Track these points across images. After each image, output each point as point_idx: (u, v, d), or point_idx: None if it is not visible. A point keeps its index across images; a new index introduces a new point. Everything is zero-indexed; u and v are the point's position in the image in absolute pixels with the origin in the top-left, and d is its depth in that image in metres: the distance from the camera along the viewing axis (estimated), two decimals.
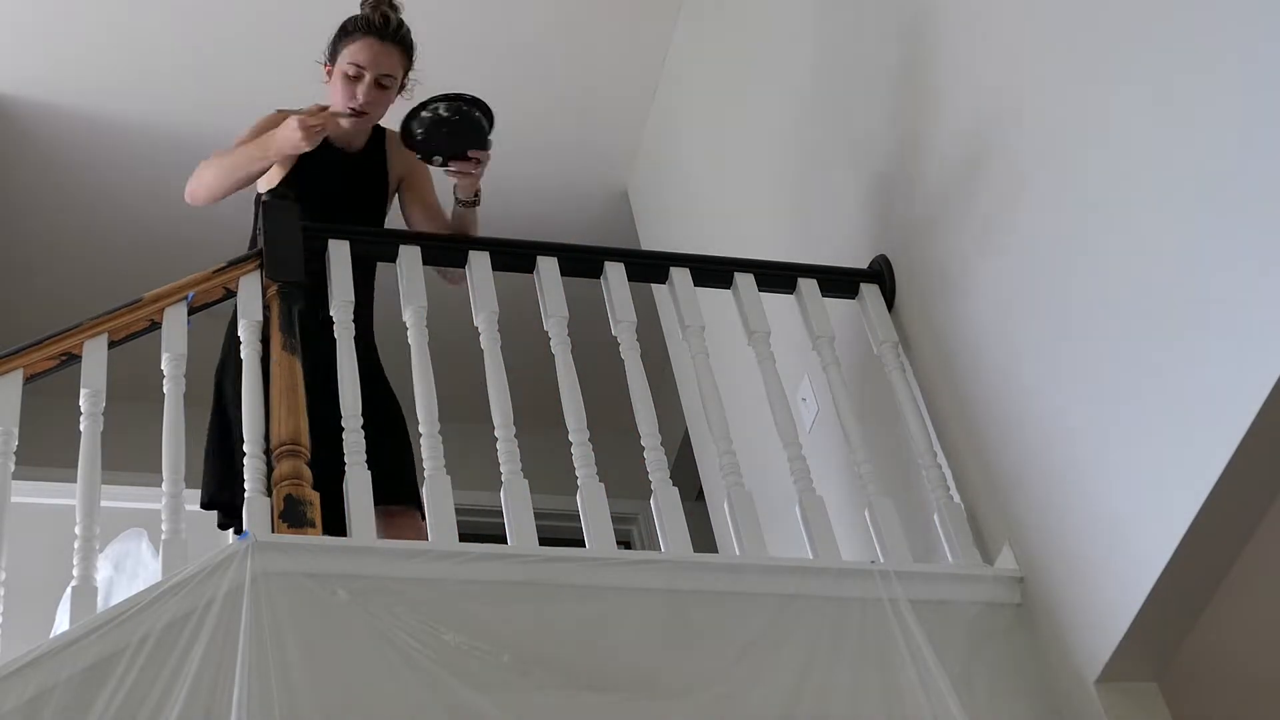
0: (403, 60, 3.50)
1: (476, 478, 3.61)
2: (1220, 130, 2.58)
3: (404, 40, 3.49)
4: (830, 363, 3.42)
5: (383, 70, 3.45)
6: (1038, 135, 3.09)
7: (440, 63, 4.89)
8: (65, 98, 4.85)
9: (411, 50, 3.52)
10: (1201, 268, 2.61)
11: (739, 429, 3.31)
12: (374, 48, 3.44)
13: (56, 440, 3.57)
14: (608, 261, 3.44)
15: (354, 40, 3.45)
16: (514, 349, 3.38)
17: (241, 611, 2.54)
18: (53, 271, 5.35)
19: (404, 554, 2.81)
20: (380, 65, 3.45)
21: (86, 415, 2.96)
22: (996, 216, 3.22)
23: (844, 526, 3.29)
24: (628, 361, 3.27)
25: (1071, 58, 2.99)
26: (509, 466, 3.01)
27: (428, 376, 3.10)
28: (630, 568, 2.91)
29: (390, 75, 3.47)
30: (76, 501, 2.83)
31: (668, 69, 5.08)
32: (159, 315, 3.12)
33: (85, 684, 2.46)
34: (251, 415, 2.95)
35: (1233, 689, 3.12)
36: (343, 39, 3.48)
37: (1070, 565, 2.94)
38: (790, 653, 2.84)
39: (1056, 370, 3.01)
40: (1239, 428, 2.49)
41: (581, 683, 2.69)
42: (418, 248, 3.32)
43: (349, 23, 3.48)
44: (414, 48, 3.52)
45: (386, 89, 3.48)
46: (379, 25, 3.43)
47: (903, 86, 3.63)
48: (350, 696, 2.56)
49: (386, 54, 3.46)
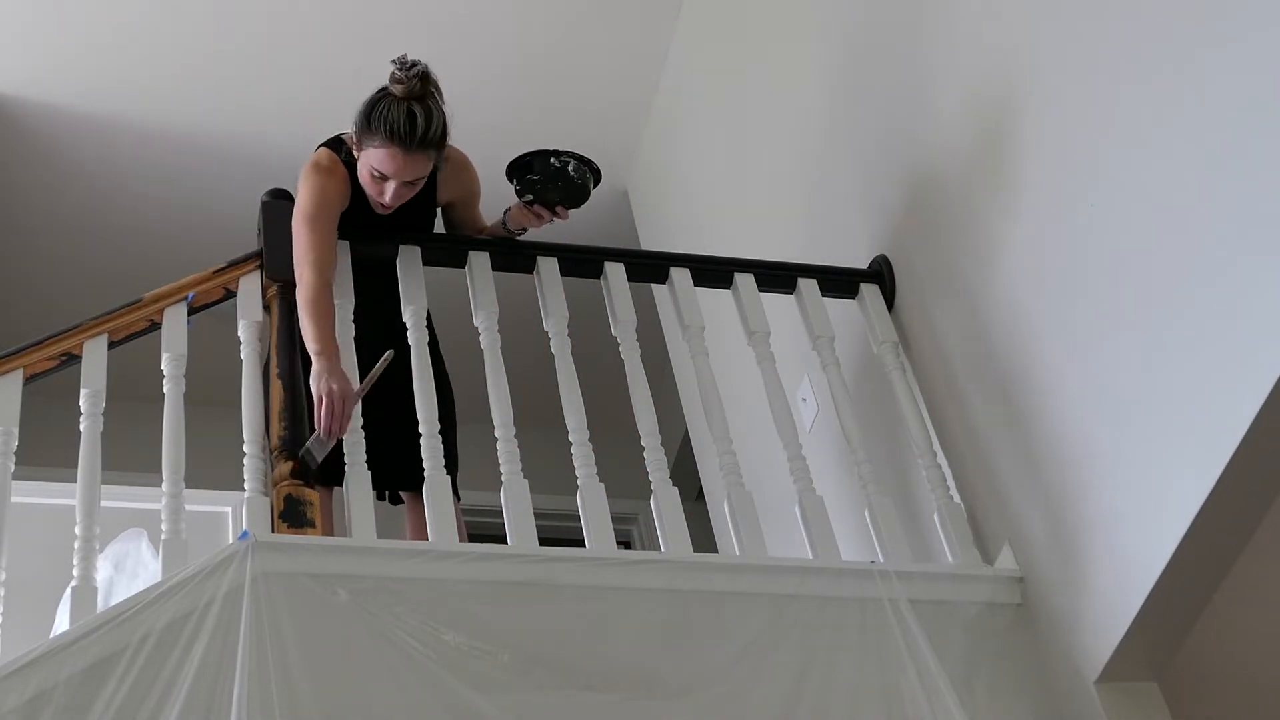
0: (436, 156, 3.18)
1: (476, 478, 3.61)
2: (1221, 131, 2.58)
3: (436, 143, 3.14)
4: (830, 363, 3.42)
5: (411, 177, 3.16)
6: (1038, 135, 3.09)
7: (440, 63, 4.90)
8: (65, 98, 4.85)
9: (445, 140, 3.18)
10: (1202, 268, 2.61)
11: (739, 429, 3.32)
12: (399, 159, 3.11)
13: (56, 440, 3.57)
14: (608, 261, 3.44)
15: (379, 145, 3.12)
16: (514, 349, 3.38)
17: (241, 611, 2.54)
18: (53, 271, 5.35)
19: (404, 554, 2.81)
20: (406, 174, 3.14)
21: (86, 415, 2.96)
22: (996, 217, 3.22)
23: (844, 526, 3.29)
24: (628, 361, 3.27)
25: (1072, 56, 2.99)
26: (509, 466, 3.01)
27: (428, 376, 3.10)
28: (630, 568, 2.91)
29: (416, 178, 3.18)
30: (76, 501, 2.83)
31: (668, 69, 5.08)
32: (159, 315, 3.12)
33: (85, 684, 2.46)
34: (251, 415, 2.95)
35: (1233, 689, 3.13)
36: (368, 134, 3.14)
37: (1070, 565, 2.94)
38: (790, 653, 2.84)
39: (1056, 370, 3.01)
40: (1239, 428, 2.49)
41: (581, 683, 2.69)
42: (418, 248, 3.32)
43: (374, 119, 3.11)
44: (446, 137, 3.18)
45: (412, 187, 3.19)
46: (404, 135, 3.08)
47: (903, 86, 3.63)
48: (350, 696, 2.56)
49: (415, 162, 3.13)
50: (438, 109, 3.13)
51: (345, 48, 4.84)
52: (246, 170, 4.99)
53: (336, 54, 4.85)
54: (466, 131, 3.23)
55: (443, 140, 3.16)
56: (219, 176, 5.11)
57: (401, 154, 3.10)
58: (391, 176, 3.14)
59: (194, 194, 5.15)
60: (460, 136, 3.29)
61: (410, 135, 3.08)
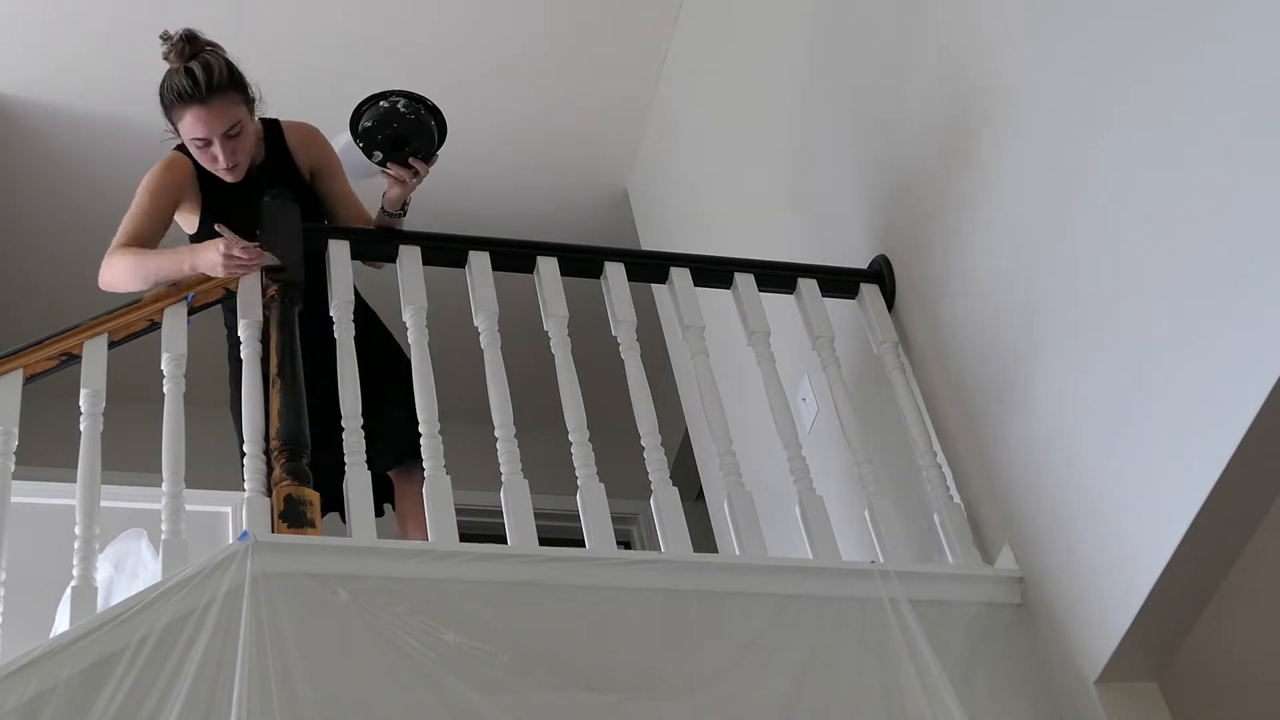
0: (238, 98, 3.27)
1: (476, 478, 3.61)
2: (1221, 131, 2.58)
3: (226, 84, 3.24)
4: (830, 363, 3.43)
5: (223, 127, 3.25)
6: (1039, 135, 3.09)
7: (440, 62, 4.91)
8: (65, 98, 4.85)
9: (241, 82, 3.28)
10: (1201, 268, 2.61)
11: (739, 429, 3.32)
12: (201, 115, 3.23)
13: (56, 440, 3.57)
14: (608, 261, 3.44)
15: (179, 113, 3.26)
16: (514, 349, 3.38)
17: (241, 611, 2.54)
18: (52, 271, 5.34)
19: (404, 554, 2.81)
20: (217, 125, 3.24)
21: (86, 415, 2.96)
22: (996, 217, 3.22)
23: (844, 526, 3.29)
24: (628, 361, 3.27)
25: (1074, 56, 2.98)
26: (509, 466, 3.01)
27: (428, 376, 3.10)
28: (630, 568, 2.91)
29: (235, 123, 3.26)
30: (76, 501, 2.83)
31: (668, 69, 5.08)
32: (159, 315, 3.12)
33: (85, 684, 2.45)
34: (251, 415, 2.95)
35: (1233, 689, 3.12)
36: (171, 112, 3.28)
37: (1070, 565, 2.94)
38: (790, 653, 2.84)
39: (1057, 370, 3.01)
40: (1239, 428, 2.49)
41: (581, 683, 2.69)
42: (418, 248, 3.32)
43: (165, 94, 3.26)
44: (241, 78, 3.29)
45: (239, 135, 3.28)
46: (191, 92, 3.21)
47: (903, 86, 3.63)
48: (350, 696, 2.56)
49: (218, 111, 3.23)
50: (215, 58, 3.25)
51: (345, 48, 4.84)
52: None
53: (337, 54, 4.86)
54: (467, 131, 3.24)
55: (234, 80, 3.26)
56: None
57: (200, 108, 3.22)
58: (207, 134, 3.24)
59: None
60: (460, 136, 3.29)
61: (197, 87, 3.20)
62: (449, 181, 3.46)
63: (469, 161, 5.12)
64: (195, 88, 3.20)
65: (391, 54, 4.87)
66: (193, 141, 3.28)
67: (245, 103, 3.30)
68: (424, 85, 3.42)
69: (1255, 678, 3.15)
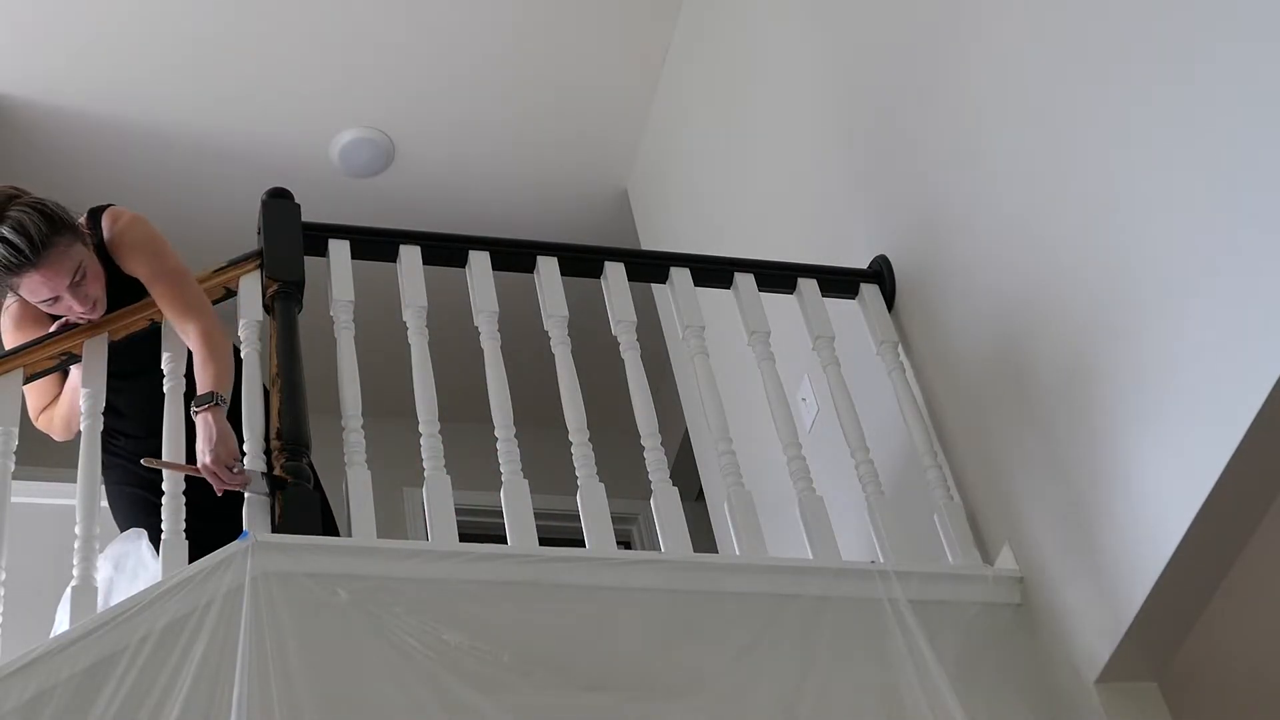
0: (68, 239, 2.93)
1: (476, 478, 3.61)
2: (1222, 131, 2.58)
3: (49, 235, 2.89)
4: (830, 363, 3.43)
5: (67, 279, 2.94)
6: (1040, 134, 3.09)
7: (440, 63, 4.91)
8: (65, 98, 4.85)
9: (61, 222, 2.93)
10: (1201, 268, 2.61)
11: (739, 429, 3.31)
12: (35, 279, 2.92)
13: (56, 440, 3.57)
14: (608, 261, 3.44)
15: (15, 282, 2.93)
16: (514, 349, 3.38)
17: (241, 611, 2.54)
18: None
19: (404, 554, 2.81)
20: (57, 283, 2.93)
21: (86, 415, 2.95)
22: (997, 216, 3.22)
23: (844, 526, 3.29)
24: (628, 361, 3.28)
25: (1075, 56, 2.99)
26: (509, 466, 3.01)
27: (428, 376, 3.10)
28: (630, 568, 2.91)
29: (73, 272, 2.94)
30: (76, 501, 2.83)
31: (668, 68, 5.08)
32: (159, 315, 3.12)
33: (85, 684, 2.45)
34: (251, 415, 2.95)
35: (1233, 689, 3.12)
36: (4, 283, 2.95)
37: (1070, 565, 2.94)
38: (790, 653, 2.84)
39: (1056, 370, 3.01)
40: (1239, 428, 2.49)
41: (581, 683, 2.69)
42: (418, 247, 3.32)
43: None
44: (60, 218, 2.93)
45: (83, 280, 2.97)
46: (18, 260, 2.87)
47: (903, 86, 3.63)
48: (350, 696, 2.56)
49: (51, 270, 2.92)
50: (22, 213, 2.89)
51: (346, 48, 4.84)
52: (246, 170, 4.99)
53: (337, 54, 4.86)
54: (467, 131, 3.24)
55: (54, 225, 2.91)
56: (219, 176, 5.11)
57: (35, 272, 2.91)
58: (52, 293, 2.95)
59: (194, 194, 5.15)
60: (461, 136, 3.29)
61: (21, 253, 2.88)
62: (449, 181, 3.44)
63: (469, 161, 5.13)
64: (19, 254, 2.87)
65: (392, 53, 4.87)
66: (41, 303, 2.98)
67: (77, 239, 2.96)
68: (424, 84, 3.42)
69: (1255, 678, 3.15)
